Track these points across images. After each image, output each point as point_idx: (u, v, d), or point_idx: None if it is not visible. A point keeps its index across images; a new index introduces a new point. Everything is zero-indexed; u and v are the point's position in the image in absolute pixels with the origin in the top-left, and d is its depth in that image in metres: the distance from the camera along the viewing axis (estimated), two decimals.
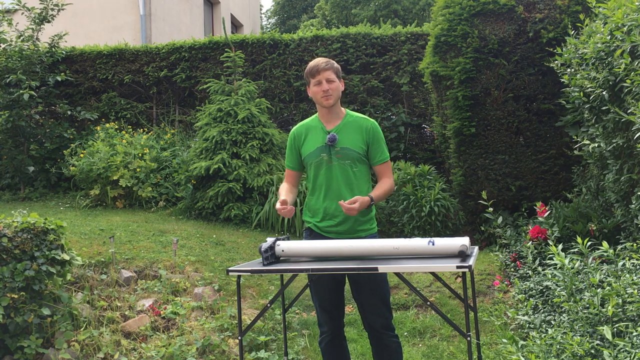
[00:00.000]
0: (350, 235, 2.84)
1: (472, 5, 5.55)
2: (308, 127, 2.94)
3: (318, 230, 2.89)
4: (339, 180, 2.82)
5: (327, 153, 2.84)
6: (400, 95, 8.37)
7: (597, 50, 3.70)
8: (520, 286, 3.89)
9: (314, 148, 2.87)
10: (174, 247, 5.08)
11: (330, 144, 2.82)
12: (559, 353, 2.59)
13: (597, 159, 4.25)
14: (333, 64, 2.83)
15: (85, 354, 3.67)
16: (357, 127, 2.87)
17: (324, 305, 2.90)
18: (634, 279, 2.75)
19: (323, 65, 2.79)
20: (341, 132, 2.85)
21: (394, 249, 2.48)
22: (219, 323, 4.05)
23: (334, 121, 2.88)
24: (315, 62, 2.83)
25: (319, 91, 2.80)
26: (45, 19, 8.39)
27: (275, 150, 7.38)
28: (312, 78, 2.81)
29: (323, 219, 2.86)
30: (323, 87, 2.79)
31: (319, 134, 2.88)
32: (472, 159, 5.69)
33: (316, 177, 2.87)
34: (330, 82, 2.80)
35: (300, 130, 2.95)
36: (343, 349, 2.99)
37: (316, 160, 2.86)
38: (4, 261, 3.46)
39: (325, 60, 2.83)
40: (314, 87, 2.82)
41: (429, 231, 5.98)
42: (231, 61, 7.57)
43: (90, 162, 7.26)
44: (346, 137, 2.84)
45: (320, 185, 2.86)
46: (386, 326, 2.83)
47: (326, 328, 2.92)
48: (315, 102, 2.89)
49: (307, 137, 2.91)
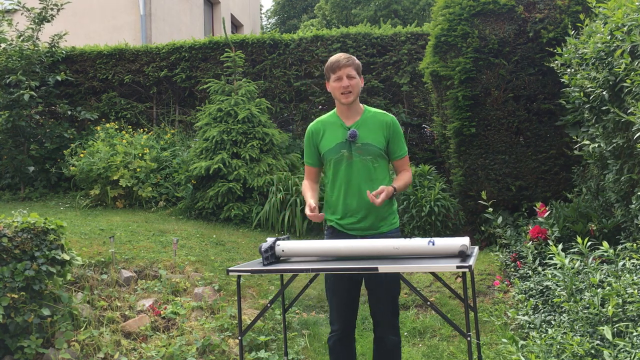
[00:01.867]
0: (373, 231, 2.82)
1: (472, 5, 5.55)
2: (326, 123, 2.92)
3: (340, 229, 2.87)
4: (360, 176, 2.81)
5: (348, 149, 2.82)
6: (401, 95, 8.37)
7: (597, 50, 3.70)
8: (520, 286, 3.89)
9: (333, 144, 2.84)
10: (174, 247, 5.08)
11: (351, 140, 2.80)
12: (559, 353, 2.59)
13: (597, 159, 4.25)
14: (354, 60, 2.80)
15: (85, 354, 3.67)
16: (377, 122, 2.85)
17: (339, 302, 2.89)
18: (634, 279, 2.75)
19: (344, 61, 2.76)
20: (361, 127, 2.83)
21: (394, 249, 2.48)
22: (219, 323, 4.05)
23: (353, 117, 2.86)
24: (336, 57, 2.79)
25: (339, 87, 2.78)
26: (45, 18, 8.39)
27: (275, 150, 7.38)
28: (333, 73, 2.78)
29: (344, 216, 2.84)
30: (343, 83, 2.76)
31: (337, 130, 2.86)
32: (472, 159, 5.69)
33: (336, 173, 2.85)
34: (351, 79, 2.77)
35: (318, 126, 2.93)
36: (351, 350, 2.98)
37: (336, 156, 2.83)
38: (4, 261, 3.46)
39: (346, 56, 2.80)
40: (334, 82, 2.79)
41: (429, 231, 5.98)
42: (231, 61, 7.57)
43: (90, 162, 7.26)
44: (366, 132, 2.82)
45: (341, 182, 2.84)
46: (392, 324, 2.84)
47: (337, 326, 2.91)
48: (334, 98, 2.87)
49: (326, 134, 2.89)
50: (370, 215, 2.81)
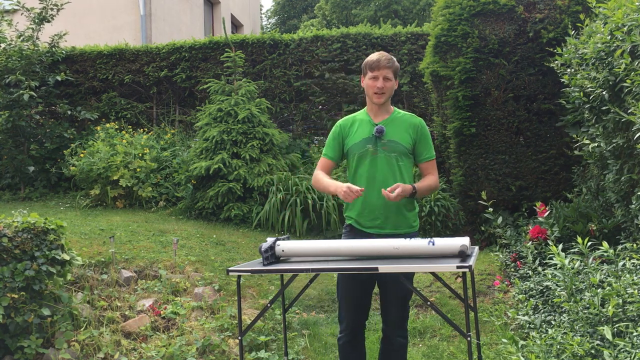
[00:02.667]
0: (391, 231, 2.78)
1: (472, 5, 5.55)
2: (356, 119, 2.93)
3: (359, 227, 2.84)
4: (383, 172, 2.79)
5: (373, 144, 2.82)
6: (401, 95, 8.37)
7: (597, 51, 3.70)
8: (520, 286, 3.89)
9: (359, 139, 2.85)
10: (174, 247, 5.08)
11: (377, 135, 2.81)
12: (559, 353, 2.59)
13: (597, 159, 4.25)
14: (395, 62, 2.80)
15: (85, 354, 3.67)
16: (405, 123, 2.87)
17: (348, 302, 2.87)
18: (634, 279, 2.75)
19: (385, 62, 2.75)
20: (389, 125, 2.85)
21: (394, 249, 2.48)
22: (219, 323, 4.05)
23: (382, 115, 2.88)
24: (378, 55, 2.79)
25: (374, 86, 2.79)
26: (45, 18, 8.39)
27: (276, 150, 7.38)
28: (371, 71, 2.78)
29: (362, 212, 2.81)
30: (379, 83, 2.77)
31: (366, 126, 2.87)
32: (472, 159, 5.69)
33: (358, 167, 2.84)
34: (387, 81, 2.78)
35: (348, 121, 2.94)
36: (360, 350, 2.97)
37: (360, 151, 2.83)
38: (4, 261, 3.46)
39: (388, 57, 2.79)
40: (370, 80, 2.80)
41: (429, 231, 5.98)
42: (231, 61, 7.57)
43: (90, 162, 7.26)
44: (394, 131, 2.84)
45: (362, 176, 2.82)
46: (401, 324, 2.84)
47: (345, 325, 2.90)
48: (366, 95, 2.88)
49: (354, 129, 2.89)
50: (390, 215, 2.78)
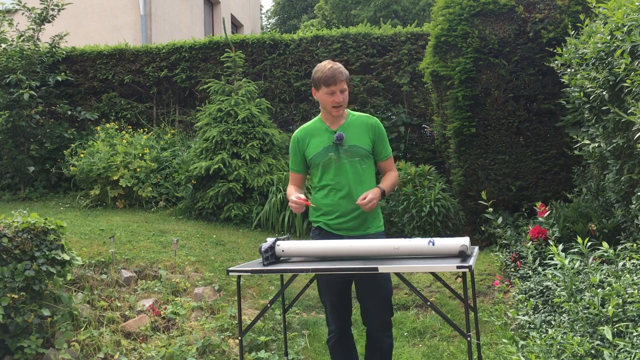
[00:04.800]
0: (360, 232, 2.84)
1: (472, 5, 5.55)
2: (311, 129, 2.94)
3: (328, 229, 2.89)
4: (349, 178, 2.83)
5: (335, 152, 2.84)
6: (401, 95, 8.36)
7: (597, 51, 3.70)
8: (520, 286, 3.89)
9: (320, 148, 2.87)
10: (174, 247, 5.08)
11: (338, 142, 2.83)
12: (559, 353, 2.59)
13: (597, 159, 4.25)
14: (345, 72, 2.80)
15: (85, 354, 3.67)
16: (362, 124, 2.89)
17: (333, 303, 2.91)
18: (634, 279, 2.75)
19: (340, 77, 2.75)
20: (347, 130, 2.87)
21: (394, 249, 2.48)
22: (219, 323, 4.05)
23: (338, 121, 2.90)
24: (330, 71, 2.75)
25: (332, 101, 2.79)
26: (46, 19, 8.39)
27: (276, 150, 7.38)
28: (326, 86, 2.77)
29: (331, 217, 2.86)
30: (336, 98, 2.78)
31: (323, 134, 2.89)
32: (472, 159, 5.69)
33: (323, 176, 2.87)
34: (343, 92, 2.79)
35: (303, 133, 2.95)
36: (350, 348, 3.00)
37: (324, 160, 2.85)
38: (4, 261, 3.46)
39: (339, 69, 2.77)
40: (326, 95, 2.79)
41: (429, 231, 5.98)
42: (231, 61, 7.57)
43: (90, 162, 7.26)
44: (353, 135, 2.86)
45: (329, 185, 2.85)
46: (385, 324, 2.85)
47: (334, 327, 2.93)
48: (321, 106, 2.89)
49: (312, 139, 2.91)
50: (359, 217, 2.84)
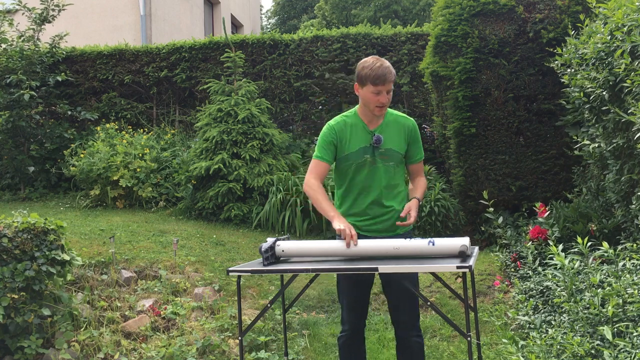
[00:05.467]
0: (390, 232, 2.81)
1: (472, 5, 5.55)
2: (348, 124, 2.81)
3: (357, 230, 2.77)
4: (381, 182, 2.77)
5: (371, 154, 2.76)
6: (401, 95, 8.37)
7: (597, 51, 3.70)
8: (520, 286, 3.89)
9: (356, 148, 2.77)
10: (174, 247, 5.08)
11: (376, 145, 2.75)
12: (559, 353, 2.59)
13: (598, 159, 4.25)
14: (394, 71, 2.69)
15: (85, 354, 3.67)
16: (399, 126, 2.82)
17: (350, 303, 2.89)
18: (634, 279, 2.75)
19: (390, 77, 2.64)
20: (384, 132, 2.78)
21: (394, 249, 2.48)
22: (219, 323, 4.05)
23: (376, 121, 2.79)
24: (380, 70, 2.63)
25: (377, 100, 2.67)
26: (46, 19, 8.39)
27: (276, 151, 7.38)
28: (373, 85, 2.64)
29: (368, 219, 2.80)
30: (382, 98, 2.66)
31: (360, 133, 2.78)
32: (472, 159, 5.69)
33: (355, 177, 2.79)
34: (389, 93, 2.68)
35: (341, 126, 2.81)
36: (360, 349, 2.98)
37: (358, 161, 2.77)
38: (4, 261, 3.46)
39: (388, 68, 2.65)
40: (371, 94, 2.67)
41: (429, 231, 5.98)
42: (231, 61, 7.57)
43: (90, 162, 7.26)
44: (389, 137, 2.78)
45: (359, 186, 2.78)
46: (412, 325, 2.83)
47: (347, 326, 2.91)
48: (361, 102, 2.77)
49: (348, 134, 2.79)
50: (390, 219, 2.80)
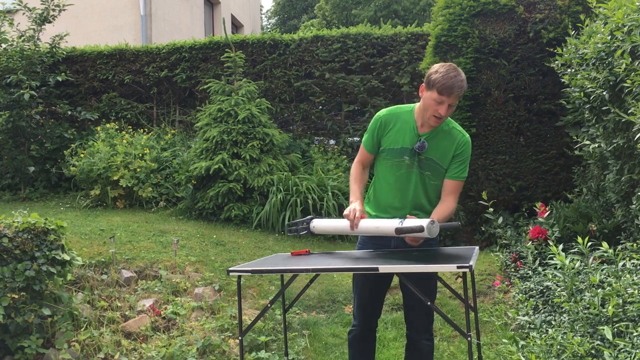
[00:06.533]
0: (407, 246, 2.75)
1: (473, 5, 5.55)
2: (399, 118, 2.72)
3: None
4: (413, 188, 2.71)
5: (410, 158, 2.68)
6: (401, 95, 8.36)
7: (597, 51, 3.70)
8: (520, 286, 3.89)
9: (397, 146, 2.69)
10: (175, 247, 5.08)
11: (418, 150, 2.66)
12: (559, 353, 2.59)
13: (598, 159, 4.25)
14: (464, 86, 2.56)
15: (85, 354, 3.67)
16: (451, 139, 2.71)
17: (361, 302, 2.88)
18: (634, 279, 2.75)
19: (457, 92, 2.52)
20: (432, 140, 2.67)
21: (376, 228, 2.60)
22: (219, 323, 4.05)
23: (429, 125, 2.67)
24: (451, 81, 2.50)
25: (435, 110, 2.56)
26: (47, 19, 8.39)
27: (276, 151, 7.38)
28: (439, 94, 2.52)
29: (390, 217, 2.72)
30: (441, 110, 2.54)
31: (407, 132, 2.69)
32: (472, 159, 5.68)
33: (391, 176, 2.73)
34: (451, 107, 2.57)
35: (390, 118, 2.73)
36: (368, 345, 2.97)
37: (396, 160, 2.70)
38: (4, 261, 3.46)
39: (460, 83, 2.52)
40: (433, 101, 2.55)
41: None
42: (231, 61, 7.57)
43: (90, 162, 7.27)
44: (436, 147, 2.68)
45: (389, 184, 2.74)
46: (424, 328, 2.82)
47: (357, 322, 2.91)
48: (421, 105, 2.65)
49: (394, 129, 2.71)
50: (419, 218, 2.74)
